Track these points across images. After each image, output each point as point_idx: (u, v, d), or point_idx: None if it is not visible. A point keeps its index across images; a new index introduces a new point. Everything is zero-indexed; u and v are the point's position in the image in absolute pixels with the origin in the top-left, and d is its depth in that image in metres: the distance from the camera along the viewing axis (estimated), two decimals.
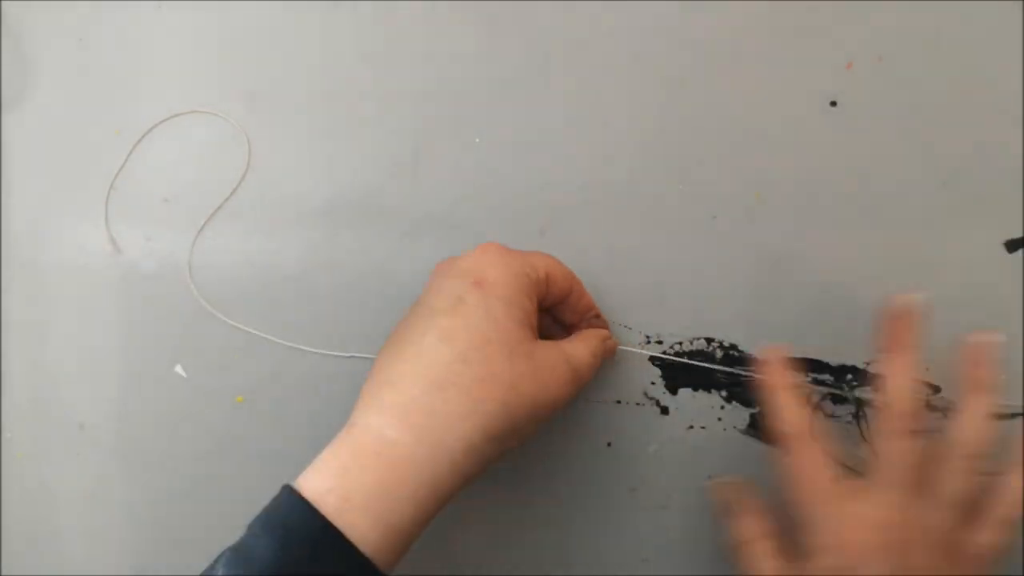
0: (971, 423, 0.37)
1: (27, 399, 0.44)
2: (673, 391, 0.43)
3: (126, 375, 0.44)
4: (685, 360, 0.42)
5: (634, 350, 0.42)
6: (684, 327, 0.43)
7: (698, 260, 0.43)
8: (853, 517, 0.36)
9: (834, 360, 0.42)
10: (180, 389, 0.44)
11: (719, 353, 0.43)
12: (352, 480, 0.32)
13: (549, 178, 0.43)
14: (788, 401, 0.39)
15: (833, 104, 0.42)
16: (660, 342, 0.43)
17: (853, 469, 0.39)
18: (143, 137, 0.44)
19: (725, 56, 0.42)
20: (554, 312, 0.40)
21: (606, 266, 0.43)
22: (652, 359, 0.43)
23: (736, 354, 0.43)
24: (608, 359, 0.41)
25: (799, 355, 0.42)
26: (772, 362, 0.40)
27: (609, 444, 0.43)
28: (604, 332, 0.40)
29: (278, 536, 0.31)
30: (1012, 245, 0.42)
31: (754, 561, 0.39)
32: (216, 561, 0.32)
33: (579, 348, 0.38)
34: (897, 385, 0.37)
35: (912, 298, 0.38)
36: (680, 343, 0.43)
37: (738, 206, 0.42)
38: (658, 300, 0.43)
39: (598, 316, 0.41)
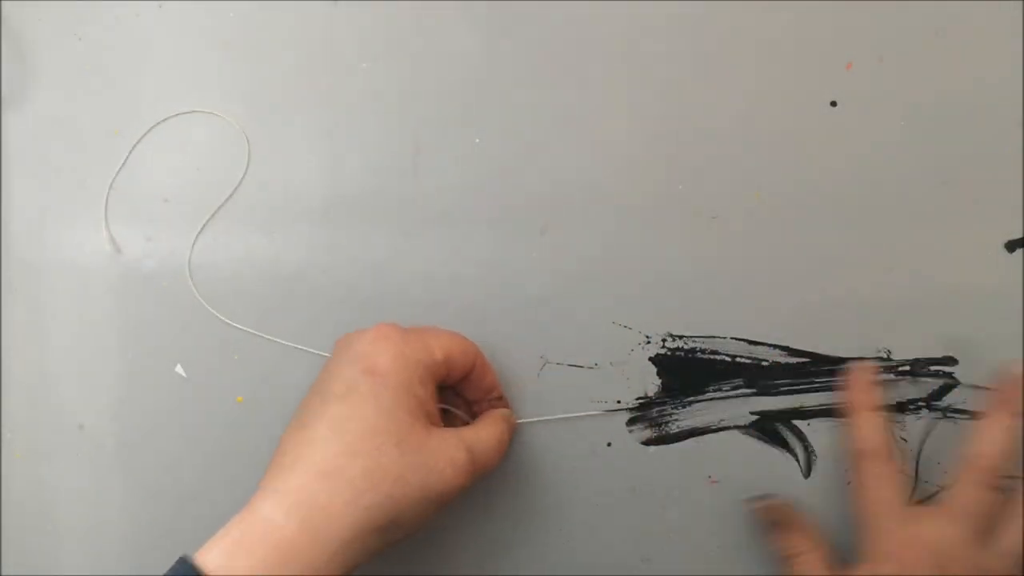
0: None
1: (27, 399, 0.44)
2: (673, 391, 0.43)
3: (126, 375, 0.44)
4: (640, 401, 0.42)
5: (539, 419, 0.43)
6: (684, 327, 0.43)
7: (698, 260, 0.43)
8: (914, 537, 0.38)
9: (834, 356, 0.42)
10: (180, 389, 0.44)
11: (722, 354, 0.43)
12: (239, 561, 0.32)
13: (549, 178, 0.43)
14: (868, 420, 0.40)
15: (833, 104, 0.42)
16: (663, 342, 0.43)
17: (923, 497, 0.40)
18: (143, 137, 0.44)
19: (725, 56, 0.42)
20: (457, 388, 0.41)
21: (606, 266, 0.43)
22: (653, 361, 0.43)
23: (738, 356, 0.43)
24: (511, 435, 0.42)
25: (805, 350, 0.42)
26: (859, 380, 0.41)
27: (609, 444, 0.43)
28: (507, 412, 0.41)
29: None
30: (1012, 245, 0.42)
31: (804, 572, 0.40)
32: None
33: (483, 434, 0.38)
34: (992, 439, 0.39)
35: None
36: (678, 342, 0.43)
37: (738, 206, 0.42)
38: (658, 300, 0.43)
39: (500, 398, 0.42)
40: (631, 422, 0.43)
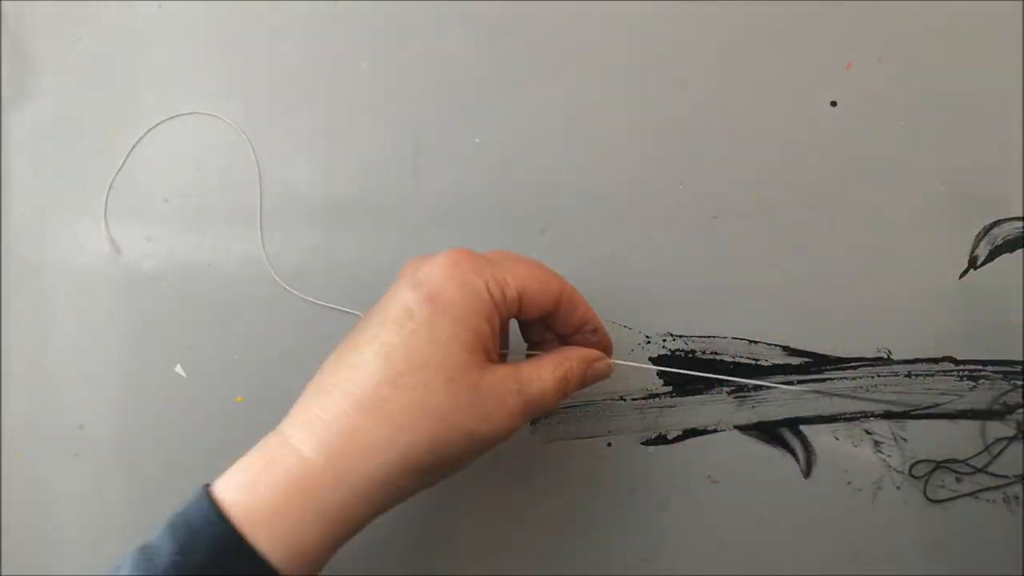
0: None
1: (27, 399, 0.44)
2: (673, 391, 0.43)
3: (126, 375, 0.44)
4: (691, 373, 0.42)
5: (634, 365, 0.41)
6: (684, 327, 0.43)
7: (698, 260, 0.43)
8: None
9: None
10: (180, 389, 0.44)
11: (722, 355, 0.43)
12: (258, 496, 0.30)
13: (549, 178, 0.43)
14: None
15: (833, 104, 0.42)
16: (663, 342, 0.43)
17: None
18: (142, 138, 0.44)
19: (725, 56, 0.42)
20: (546, 322, 0.37)
21: (606, 266, 0.43)
22: (653, 361, 0.43)
23: (739, 358, 0.43)
24: (601, 378, 0.37)
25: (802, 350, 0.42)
26: None
27: (609, 444, 0.43)
28: (591, 353, 0.36)
29: (179, 537, 0.30)
30: (1012, 245, 0.42)
31: None
32: (123, 560, 0.31)
33: (543, 373, 0.34)
34: None
35: None
36: (679, 342, 0.43)
37: (738, 206, 0.42)
38: (658, 300, 0.43)
39: (595, 331, 0.37)
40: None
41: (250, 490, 0.31)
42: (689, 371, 0.42)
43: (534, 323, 0.37)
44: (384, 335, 0.32)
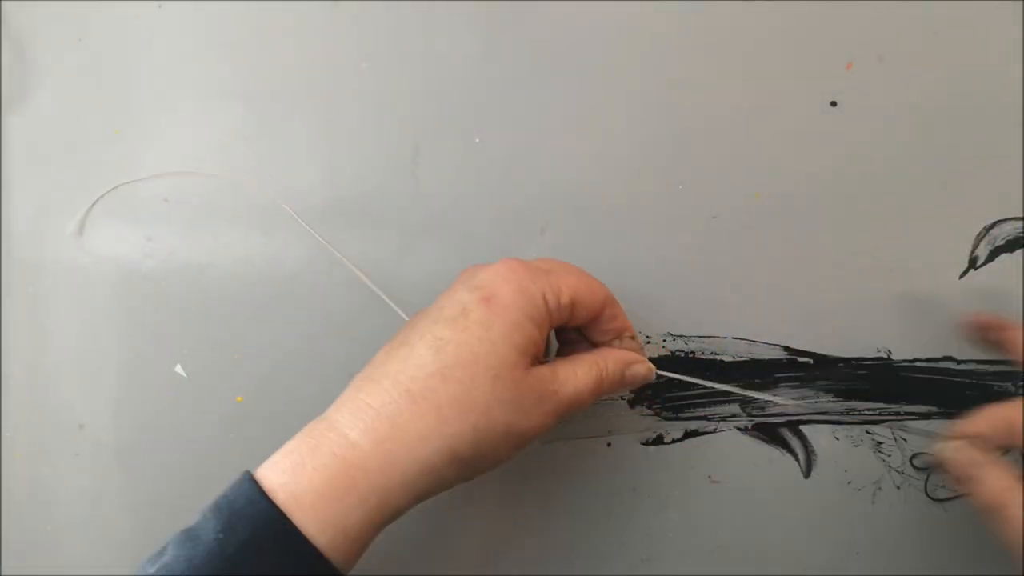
0: None
1: (27, 399, 0.44)
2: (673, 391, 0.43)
3: (126, 375, 0.44)
4: (711, 384, 0.42)
5: (677, 377, 0.40)
6: (684, 327, 0.43)
7: (698, 260, 0.43)
8: None
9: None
10: (180, 389, 0.44)
11: (722, 356, 0.43)
12: (304, 479, 0.31)
13: (549, 178, 0.43)
14: (990, 473, 0.36)
15: (833, 104, 0.42)
16: (663, 342, 0.43)
17: None
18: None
19: (725, 56, 0.42)
20: (584, 329, 0.38)
21: (606, 266, 0.43)
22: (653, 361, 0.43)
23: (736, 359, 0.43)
24: (642, 382, 0.38)
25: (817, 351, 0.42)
26: (967, 435, 0.37)
27: (609, 444, 0.43)
28: (628, 355, 0.38)
29: (223, 517, 0.31)
30: (1012, 245, 0.42)
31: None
32: (169, 542, 0.32)
33: (579, 373, 0.36)
34: None
35: None
36: (679, 342, 0.43)
37: (738, 206, 0.42)
38: (658, 300, 0.43)
39: (633, 338, 0.38)
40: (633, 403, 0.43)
41: (296, 472, 0.32)
42: (705, 382, 0.42)
43: (569, 330, 0.39)
44: (437, 330, 0.34)
